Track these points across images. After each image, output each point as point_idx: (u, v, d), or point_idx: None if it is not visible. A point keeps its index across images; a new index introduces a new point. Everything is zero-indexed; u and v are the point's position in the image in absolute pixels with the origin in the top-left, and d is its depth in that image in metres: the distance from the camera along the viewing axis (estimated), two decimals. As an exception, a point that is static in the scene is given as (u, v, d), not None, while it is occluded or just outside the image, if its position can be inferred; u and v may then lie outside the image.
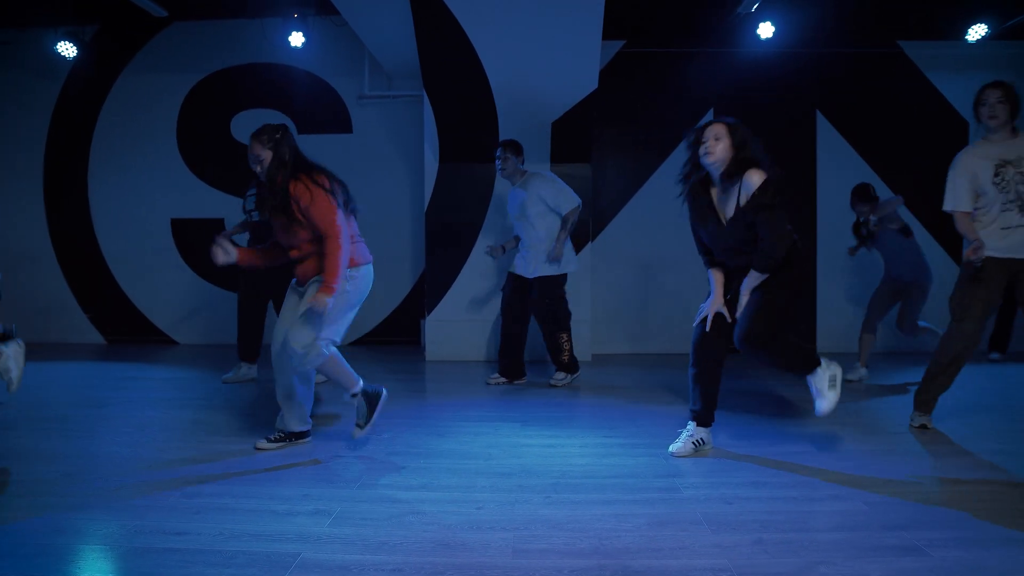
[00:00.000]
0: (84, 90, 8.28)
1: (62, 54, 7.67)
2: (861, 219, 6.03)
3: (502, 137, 6.75)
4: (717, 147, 3.73)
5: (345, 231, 3.84)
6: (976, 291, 4.25)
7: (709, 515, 3.06)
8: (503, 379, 6.04)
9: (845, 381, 5.52)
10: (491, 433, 4.43)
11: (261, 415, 4.84)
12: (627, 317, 7.43)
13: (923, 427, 4.51)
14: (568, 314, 5.97)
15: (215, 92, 8.25)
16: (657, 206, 7.57)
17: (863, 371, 6.16)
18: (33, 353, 5.73)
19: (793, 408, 5.07)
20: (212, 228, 8.17)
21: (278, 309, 5.81)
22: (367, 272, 4.07)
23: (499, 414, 4.94)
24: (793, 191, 7.63)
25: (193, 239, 8.29)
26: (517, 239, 6.04)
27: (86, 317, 8.45)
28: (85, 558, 2.65)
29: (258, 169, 3.93)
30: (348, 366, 4.02)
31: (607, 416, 4.92)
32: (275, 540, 2.80)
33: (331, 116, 8.16)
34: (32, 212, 8.39)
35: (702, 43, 7.62)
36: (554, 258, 5.75)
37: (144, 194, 8.32)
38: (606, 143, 7.68)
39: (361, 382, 4.03)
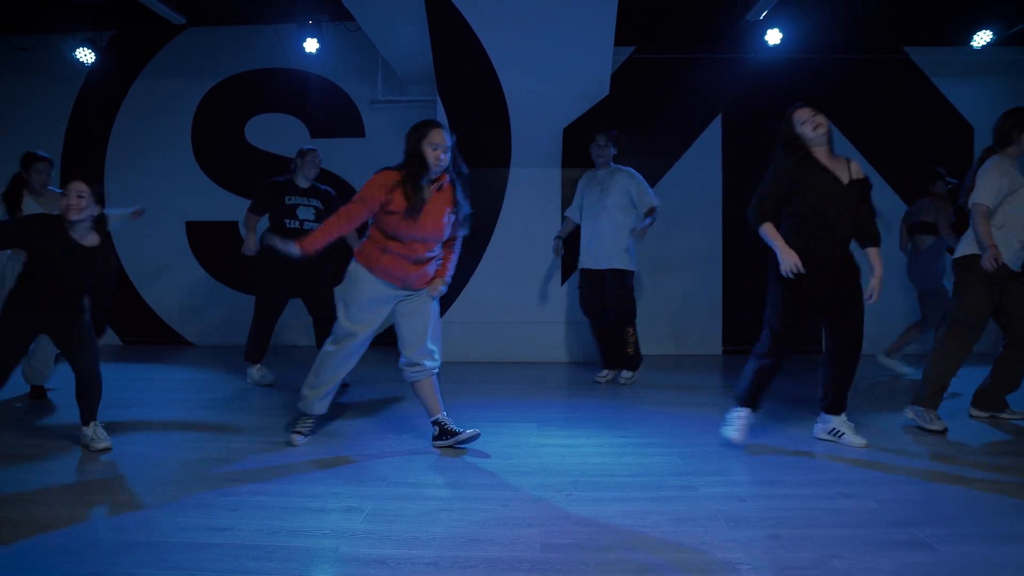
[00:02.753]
0: (101, 95, 8.42)
1: (80, 60, 7.82)
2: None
3: (514, 143, 6.89)
4: (821, 119, 4.02)
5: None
6: (975, 293, 4.53)
7: (725, 512, 3.19)
8: (608, 373, 6.24)
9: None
10: (510, 434, 4.56)
11: (282, 415, 4.97)
12: (638, 319, 7.53)
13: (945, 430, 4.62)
14: (635, 309, 6.15)
15: (230, 97, 8.38)
16: (667, 209, 7.65)
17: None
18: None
19: (803, 407, 5.19)
20: (227, 231, 8.36)
21: (309, 308, 6.08)
22: None
23: (516, 415, 5.06)
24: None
25: (208, 242, 8.43)
26: (569, 221, 6.22)
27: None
28: (133, 552, 2.77)
29: (443, 158, 3.99)
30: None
31: (620, 417, 5.04)
32: (312, 536, 2.93)
33: (344, 121, 8.29)
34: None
35: (711, 49, 7.75)
36: (639, 234, 5.99)
37: (159, 197, 8.42)
38: (617, 148, 7.79)
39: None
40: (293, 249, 3.93)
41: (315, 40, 7.63)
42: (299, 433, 4.30)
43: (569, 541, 2.88)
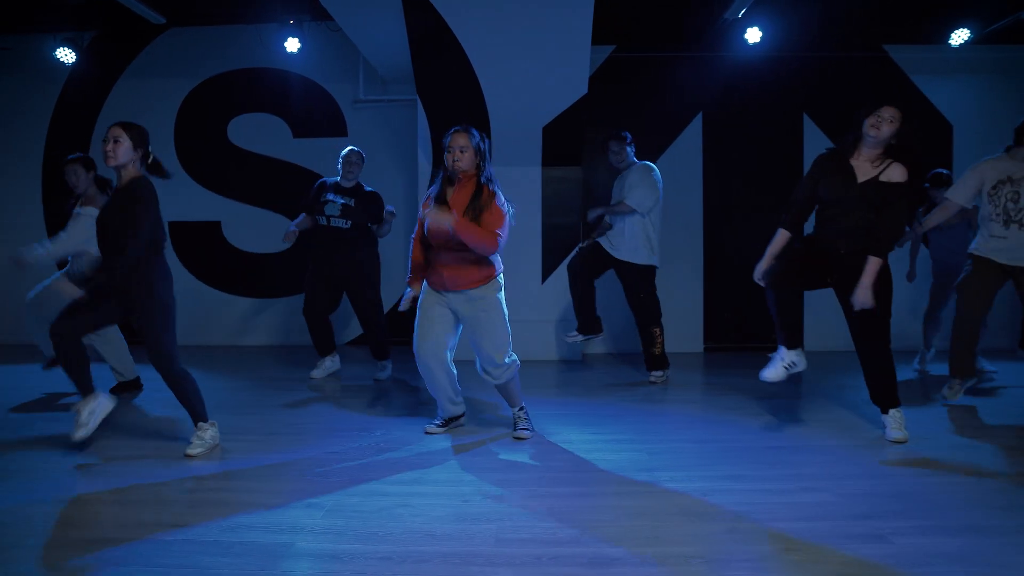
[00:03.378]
0: (82, 95, 8.39)
1: (61, 60, 7.80)
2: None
3: (494, 141, 6.88)
4: (885, 128, 4.00)
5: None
6: (969, 285, 4.96)
7: (685, 507, 3.20)
8: (580, 335, 6.19)
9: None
10: (483, 432, 4.56)
11: (254, 414, 4.99)
12: (618, 317, 7.52)
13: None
14: (659, 308, 6.15)
15: (212, 97, 8.37)
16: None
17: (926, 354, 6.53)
18: (34, 355, 5.90)
19: (777, 403, 5.20)
20: (209, 231, 8.35)
21: (353, 302, 6.22)
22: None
23: (492, 413, 5.06)
24: (779, 193, 7.79)
25: (190, 242, 8.41)
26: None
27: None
28: (92, 548, 2.77)
29: (460, 164, 4.13)
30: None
31: (595, 414, 5.04)
32: (269, 531, 2.93)
33: (326, 120, 8.28)
34: (31, 216, 8.49)
35: (691, 48, 7.76)
36: (596, 220, 6.19)
37: (143, 197, 8.42)
38: (597, 146, 7.78)
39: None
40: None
41: (296, 40, 7.62)
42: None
43: (525, 536, 2.89)
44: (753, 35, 7.23)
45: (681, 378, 6.29)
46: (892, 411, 4.26)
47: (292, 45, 7.64)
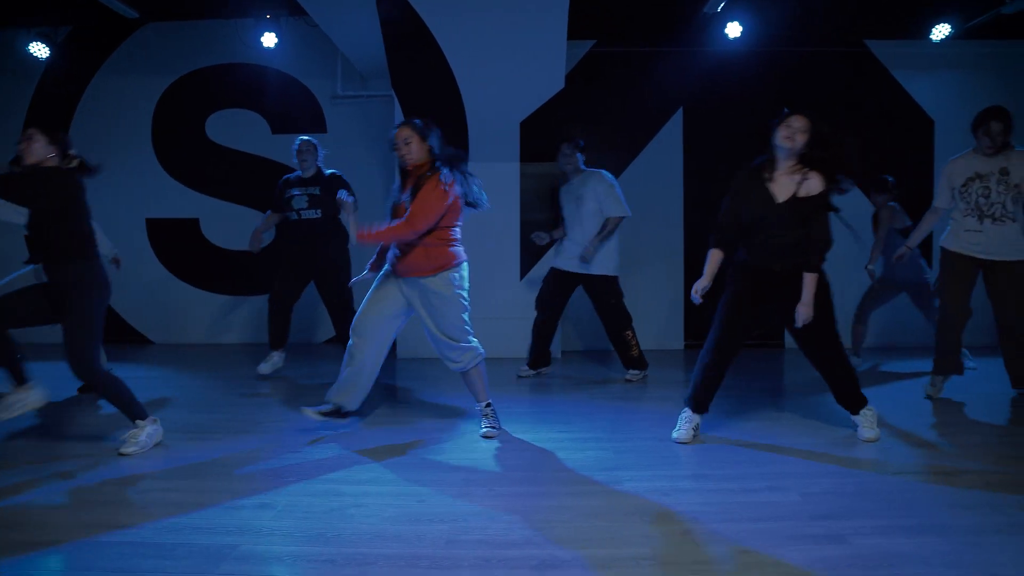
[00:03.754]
0: (58, 91, 8.29)
1: (35, 55, 7.71)
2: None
3: (471, 137, 6.83)
4: (799, 138, 3.96)
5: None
6: (947, 281, 5.02)
7: (644, 507, 3.14)
8: (532, 371, 6.23)
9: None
10: (450, 428, 4.51)
11: (218, 413, 4.94)
12: (595, 315, 7.47)
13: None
14: (628, 314, 6.08)
15: (189, 93, 8.28)
16: (629, 204, 7.63)
17: (857, 360, 6.39)
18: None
19: (749, 401, 5.14)
20: (187, 228, 8.26)
21: (322, 294, 6.22)
22: (466, 271, 4.37)
23: (463, 410, 4.99)
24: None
25: (168, 239, 8.34)
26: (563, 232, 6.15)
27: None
28: (28, 551, 2.71)
29: (405, 156, 4.21)
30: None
31: (565, 412, 4.98)
32: (216, 533, 2.87)
33: (305, 116, 8.19)
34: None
35: (672, 43, 7.69)
36: (584, 258, 5.88)
37: (119, 194, 8.31)
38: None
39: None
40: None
41: (273, 35, 7.54)
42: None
43: (477, 537, 2.82)
44: (734, 30, 7.18)
45: (659, 375, 6.23)
46: (863, 411, 4.21)
47: (269, 40, 7.55)
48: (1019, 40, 7.55)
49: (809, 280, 3.98)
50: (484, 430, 4.32)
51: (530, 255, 7.13)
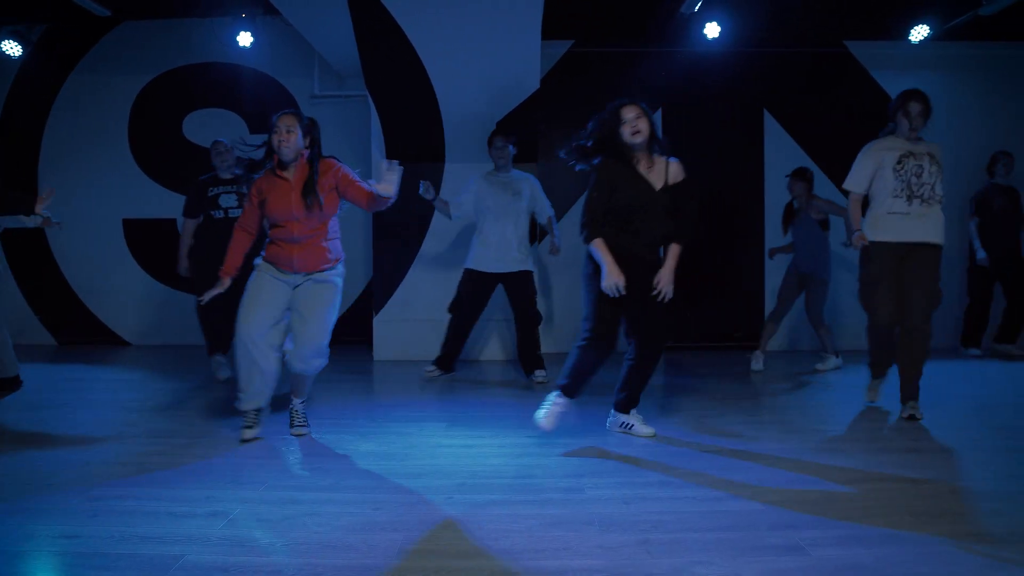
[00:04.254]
0: (33, 90, 8.22)
1: (7, 53, 7.63)
2: (795, 203, 6.39)
3: (447, 137, 6.78)
4: (643, 126, 3.96)
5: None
6: (876, 276, 4.69)
7: (603, 516, 3.08)
8: (440, 371, 6.22)
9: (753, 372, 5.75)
10: (415, 433, 4.45)
11: (184, 418, 4.87)
12: (572, 317, 7.42)
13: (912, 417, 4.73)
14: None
15: (166, 92, 8.22)
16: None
17: (762, 358, 6.54)
18: None
19: (726, 405, 5.11)
20: (164, 228, 8.20)
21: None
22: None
23: (427, 414, 4.95)
24: (739, 189, 7.71)
25: (146, 239, 8.27)
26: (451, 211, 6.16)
27: (37, 319, 8.39)
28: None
29: (283, 147, 4.02)
30: None
31: (526, 417, 4.86)
32: (164, 542, 2.80)
33: (283, 116, 8.13)
34: (-18, 212, 8.33)
35: (650, 43, 7.66)
36: (555, 251, 6.16)
37: (95, 194, 8.27)
38: (555, 142, 7.62)
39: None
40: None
41: (249, 34, 7.48)
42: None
43: (430, 547, 2.77)
44: (712, 30, 7.17)
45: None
46: (634, 411, 4.30)
47: (244, 39, 7.49)
48: (997, 41, 7.55)
49: (676, 250, 4.04)
50: (296, 428, 4.35)
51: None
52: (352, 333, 8.08)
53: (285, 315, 4.18)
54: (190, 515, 3.09)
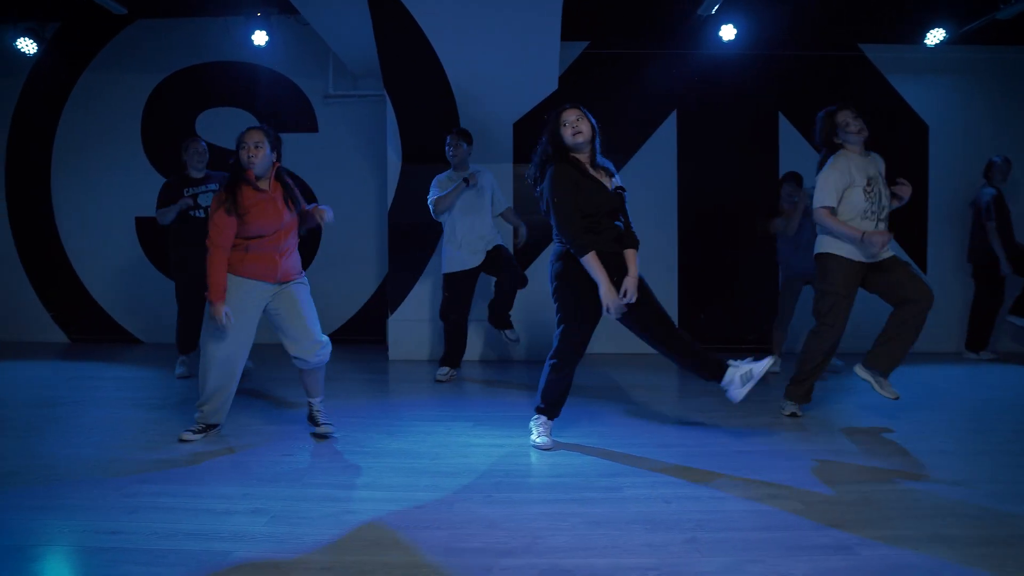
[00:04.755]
0: (46, 88, 8.19)
1: (22, 51, 7.60)
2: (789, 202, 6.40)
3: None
4: (584, 127, 3.99)
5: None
6: (841, 292, 4.58)
7: (646, 515, 3.08)
8: (453, 372, 6.24)
9: (770, 373, 5.79)
10: (442, 432, 4.44)
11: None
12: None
13: (793, 415, 4.83)
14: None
15: (180, 90, 8.18)
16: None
17: (778, 361, 6.54)
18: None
19: (749, 407, 5.10)
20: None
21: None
22: None
23: (453, 413, 4.94)
24: (754, 192, 7.71)
25: (158, 237, 8.22)
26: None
27: (50, 316, 8.36)
28: (12, 557, 2.63)
29: (254, 161, 4.01)
30: None
31: (560, 416, 4.90)
32: (209, 539, 2.80)
33: (296, 115, 8.11)
34: (-8, 210, 8.31)
35: (666, 45, 7.65)
36: (520, 234, 6.33)
37: (108, 192, 8.24)
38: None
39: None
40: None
41: (264, 33, 7.46)
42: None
43: (476, 545, 2.76)
44: (728, 32, 7.16)
45: (651, 380, 6.18)
46: (728, 371, 4.17)
47: (260, 38, 7.47)
48: (1014, 46, 7.55)
49: (634, 255, 4.06)
50: (322, 427, 4.31)
51: (521, 256, 7.07)
52: (365, 333, 8.08)
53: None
54: (230, 512, 3.08)
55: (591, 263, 3.87)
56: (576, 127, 3.95)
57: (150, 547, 2.72)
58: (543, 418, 4.18)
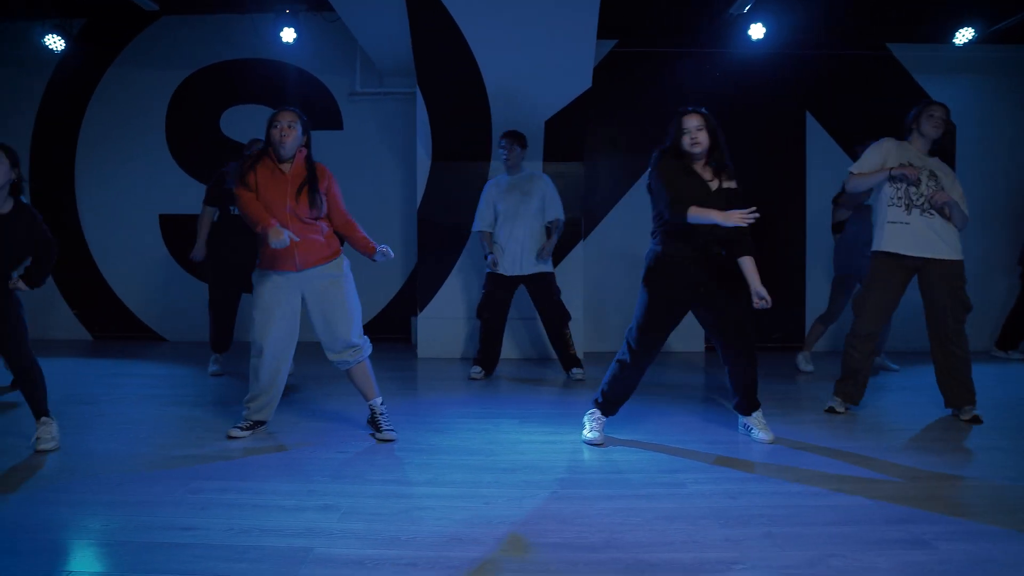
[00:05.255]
0: (71, 84, 8.18)
1: (50, 47, 7.59)
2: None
3: (495, 136, 6.76)
4: (703, 138, 3.91)
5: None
6: (873, 289, 4.68)
7: (716, 510, 3.08)
8: (484, 372, 6.21)
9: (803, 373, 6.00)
10: (491, 429, 4.43)
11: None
12: (619, 315, 7.40)
13: (831, 410, 4.85)
14: (567, 310, 6.22)
15: (205, 87, 8.18)
16: (648, 204, 7.57)
17: (810, 359, 6.58)
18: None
19: (788, 405, 5.11)
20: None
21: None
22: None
23: (497, 411, 4.94)
24: (781, 190, 7.72)
25: (181, 235, 8.22)
26: (490, 235, 6.14)
27: (72, 313, 8.35)
28: (92, 553, 2.63)
29: (285, 140, 3.99)
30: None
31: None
32: (285, 535, 2.79)
33: (322, 113, 8.11)
34: (17, 207, 8.28)
35: (693, 43, 7.65)
36: (546, 256, 6.02)
37: (132, 189, 8.23)
38: (598, 141, 7.70)
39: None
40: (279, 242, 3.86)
41: (292, 30, 7.45)
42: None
43: (556, 540, 2.76)
44: (756, 31, 7.16)
45: (682, 378, 6.19)
46: (755, 413, 4.26)
47: (288, 35, 7.46)
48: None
49: (751, 262, 3.99)
50: (384, 433, 4.20)
51: (556, 251, 7.05)
52: (390, 331, 8.08)
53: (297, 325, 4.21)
54: (301, 508, 3.08)
55: (697, 214, 3.79)
56: (695, 137, 3.89)
57: (229, 543, 2.71)
58: (598, 412, 4.19)
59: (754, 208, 3.74)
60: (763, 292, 3.91)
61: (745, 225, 3.78)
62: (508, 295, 6.16)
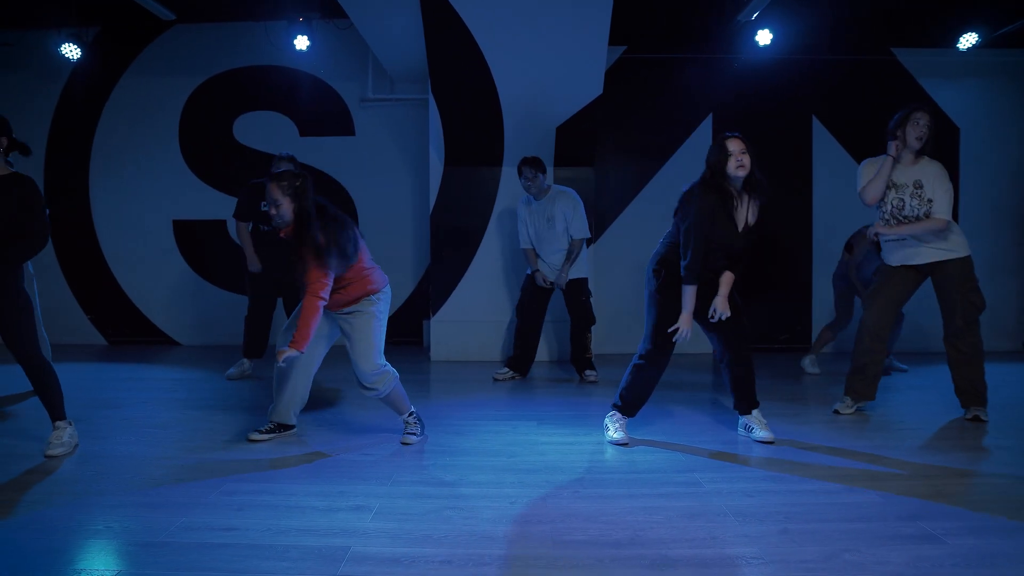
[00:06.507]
0: (86, 91, 8.30)
1: (65, 56, 7.71)
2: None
3: (507, 141, 6.89)
4: (747, 161, 4.03)
5: (328, 286, 3.95)
6: (884, 285, 4.84)
7: (733, 508, 3.20)
8: (512, 372, 6.34)
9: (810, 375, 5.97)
10: (510, 432, 4.55)
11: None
12: (629, 318, 7.52)
13: (836, 412, 4.98)
14: (593, 314, 6.39)
15: (218, 94, 8.30)
16: (657, 209, 7.67)
17: (816, 361, 6.71)
18: None
19: (784, 407, 5.22)
20: (214, 229, 8.27)
21: (288, 308, 6.00)
22: (388, 292, 4.32)
23: (514, 413, 5.06)
24: (788, 195, 7.84)
25: (195, 240, 8.36)
26: (533, 251, 6.31)
27: (87, 319, 8.47)
28: (140, 553, 2.74)
29: (273, 212, 3.96)
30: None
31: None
32: (323, 535, 2.91)
33: (334, 119, 8.24)
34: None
35: (702, 49, 7.77)
36: (563, 282, 6.20)
37: (146, 195, 8.36)
38: (607, 147, 7.82)
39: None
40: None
41: (305, 38, 7.57)
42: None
43: (581, 537, 2.88)
44: (764, 37, 7.26)
45: (695, 379, 6.31)
46: (755, 411, 4.39)
47: (301, 43, 7.58)
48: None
49: (730, 278, 4.15)
50: (405, 436, 4.31)
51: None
52: (402, 334, 8.19)
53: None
54: (333, 509, 3.19)
55: (689, 292, 4.03)
56: (740, 161, 3.99)
57: (269, 543, 2.83)
58: (618, 414, 4.32)
59: (726, 312, 4.11)
60: (721, 307, 4.11)
61: (723, 319, 4.12)
62: (543, 299, 6.36)
